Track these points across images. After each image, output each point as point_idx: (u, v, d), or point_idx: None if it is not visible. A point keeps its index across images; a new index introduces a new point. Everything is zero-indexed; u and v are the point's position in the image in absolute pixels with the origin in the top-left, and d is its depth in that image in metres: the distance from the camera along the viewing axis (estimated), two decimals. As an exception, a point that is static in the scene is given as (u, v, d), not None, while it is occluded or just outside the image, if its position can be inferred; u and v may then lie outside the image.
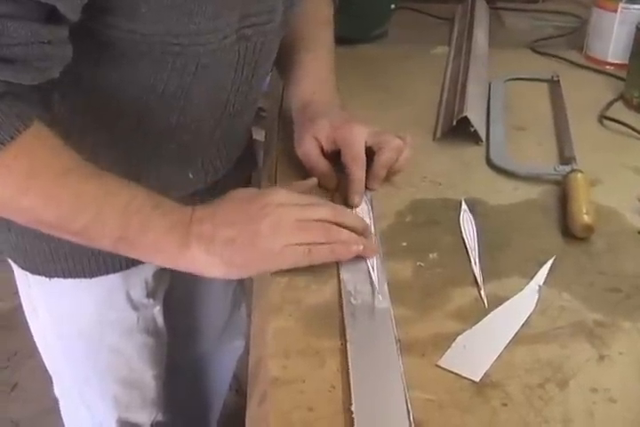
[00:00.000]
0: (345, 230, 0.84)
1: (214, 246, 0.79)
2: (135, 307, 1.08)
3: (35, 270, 1.03)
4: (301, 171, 1.04)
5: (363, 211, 0.98)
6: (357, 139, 0.99)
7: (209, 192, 1.05)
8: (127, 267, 1.03)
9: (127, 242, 0.80)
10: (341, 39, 1.24)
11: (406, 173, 1.07)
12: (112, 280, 1.04)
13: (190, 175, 1.03)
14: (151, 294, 1.09)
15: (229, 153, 1.09)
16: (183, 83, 0.88)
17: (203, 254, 0.80)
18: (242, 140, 1.14)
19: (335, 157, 1.01)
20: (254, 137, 1.26)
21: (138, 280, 1.06)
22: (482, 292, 0.85)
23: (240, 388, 1.76)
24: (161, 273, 1.09)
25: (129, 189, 0.80)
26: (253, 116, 1.11)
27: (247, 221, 0.80)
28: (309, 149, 1.01)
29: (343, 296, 0.84)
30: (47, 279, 1.03)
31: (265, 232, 0.80)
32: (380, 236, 0.94)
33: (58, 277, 1.02)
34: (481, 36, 1.50)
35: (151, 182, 0.97)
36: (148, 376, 1.16)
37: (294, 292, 0.85)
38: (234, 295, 1.36)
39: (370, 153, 1.00)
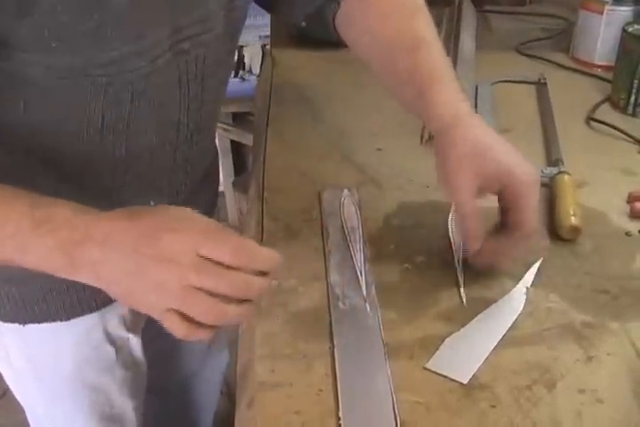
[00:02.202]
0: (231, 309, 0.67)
1: (100, 279, 0.69)
2: (113, 342, 1.05)
3: (6, 318, 0.99)
4: (290, 176, 1.05)
5: (350, 214, 0.98)
6: (531, 200, 0.83)
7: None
8: (103, 306, 1.00)
9: (14, 263, 0.71)
10: (329, 43, 1.24)
11: (394, 176, 1.07)
12: (89, 319, 1.00)
13: (152, 203, 0.94)
14: (130, 327, 1.06)
15: (195, 172, 1.03)
16: (122, 112, 0.82)
17: (93, 281, 0.69)
18: (208, 156, 1.09)
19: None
20: (242, 142, 1.26)
21: (115, 316, 1.03)
22: (461, 290, 0.85)
23: (230, 392, 1.76)
24: None
25: (3, 211, 0.70)
26: (215, 129, 1.07)
27: (134, 269, 0.67)
28: (467, 194, 0.82)
29: (331, 300, 0.84)
30: (21, 326, 0.99)
31: (146, 289, 0.67)
32: (368, 239, 0.94)
33: (32, 322, 0.98)
34: (468, 39, 1.50)
35: None
36: (128, 410, 1.13)
37: (282, 295, 0.85)
38: None
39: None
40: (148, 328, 1.13)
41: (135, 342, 1.09)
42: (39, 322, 0.98)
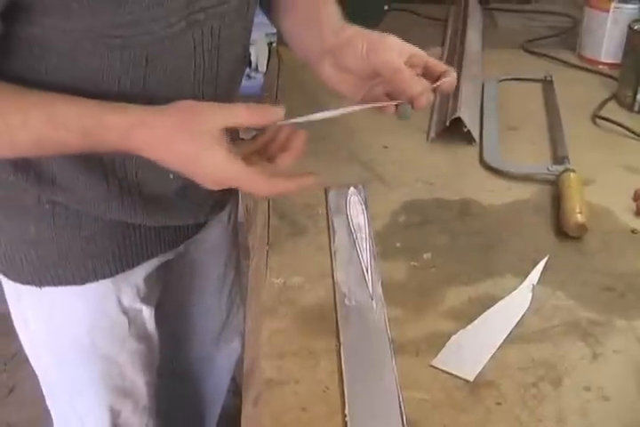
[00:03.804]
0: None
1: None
2: (126, 312, 1.07)
3: (25, 281, 1.02)
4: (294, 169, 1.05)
5: (357, 211, 0.98)
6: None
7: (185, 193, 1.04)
8: (117, 272, 1.02)
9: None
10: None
11: (400, 173, 1.07)
12: (103, 286, 1.02)
13: (171, 176, 0.97)
14: (144, 299, 1.08)
15: None
16: (137, 76, 0.85)
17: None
18: None
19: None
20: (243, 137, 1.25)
21: (128, 285, 1.05)
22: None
23: (237, 390, 1.75)
24: (152, 277, 1.09)
25: (53, 121, 0.80)
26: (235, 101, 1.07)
27: (185, 166, 0.83)
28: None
29: (337, 297, 0.84)
30: (38, 289, 1.01)
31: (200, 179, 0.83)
32: (375, 236, 0.94)
33: (48, 285, 1.01)
34: (474, 37, 1.50)
35: (130, 185, 0.96)
36: (140, 383, 1.15)
37: (288, 293, 0.85)
38: (229, 296, 1.36)
39: None
40: (162, 306, 1.14)
41: (148, 315, 1.11)
42: (55, 285, 1.01)
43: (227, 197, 1.16)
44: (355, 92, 0.94)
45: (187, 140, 0.80)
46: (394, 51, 0.90)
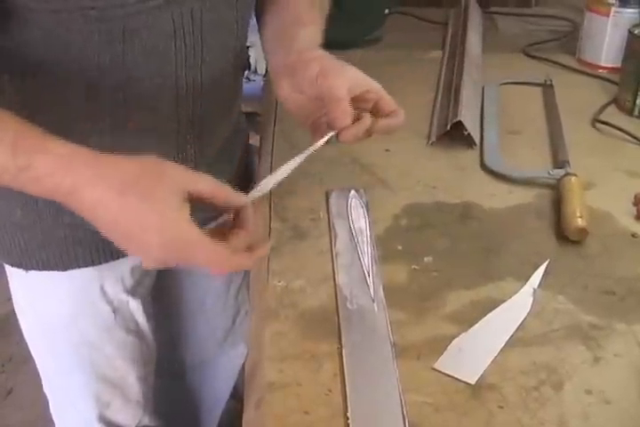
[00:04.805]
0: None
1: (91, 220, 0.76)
2: (110, 302, 1.08)
3: (14, 263, 1.04)
4: (297, 177, 1.05)
5: (358, 215, 0.98)
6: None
7: None
8: (100, 262, 1.03)
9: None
10: (335, 44, 1.23)
11: (401, 177, 1.08)
12: (86, 274, 1.04)
13: None
14: (130, 290, 1.09)
15: (204, 142, 1.02)
16: (115, 52, 0.84)
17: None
18: (220, 128, 1.07)
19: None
20: (249, 142, 1.26)
21: (113, 275, 1.06)
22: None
23: (237, 394, 1.76)
24: (140, 270, 1.09)
25: None
26: (233, 101, 1.07)
27: (117, 234, 0.75)
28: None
29: (339, 301, 0.84)
30: (25, 272, 1.03)
31: (134, 252, 0.77)
32: (376, 239, 0.94)
33: (34, 269, 1.03)
34: (474, 41, 1.51)
35: None
36: (131, 377, 1.16)
37: (290, 296, 0.86)
38: (236, 300, 1.35)
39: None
40: (157, 303, 1.14)
41: (136, 307, 1.12)
42: (39, 269, 1.03)
43: None
44: (305, 115, 0.93)
45: (146, 193, 0.73)
46: (345, 80, 0.88)
